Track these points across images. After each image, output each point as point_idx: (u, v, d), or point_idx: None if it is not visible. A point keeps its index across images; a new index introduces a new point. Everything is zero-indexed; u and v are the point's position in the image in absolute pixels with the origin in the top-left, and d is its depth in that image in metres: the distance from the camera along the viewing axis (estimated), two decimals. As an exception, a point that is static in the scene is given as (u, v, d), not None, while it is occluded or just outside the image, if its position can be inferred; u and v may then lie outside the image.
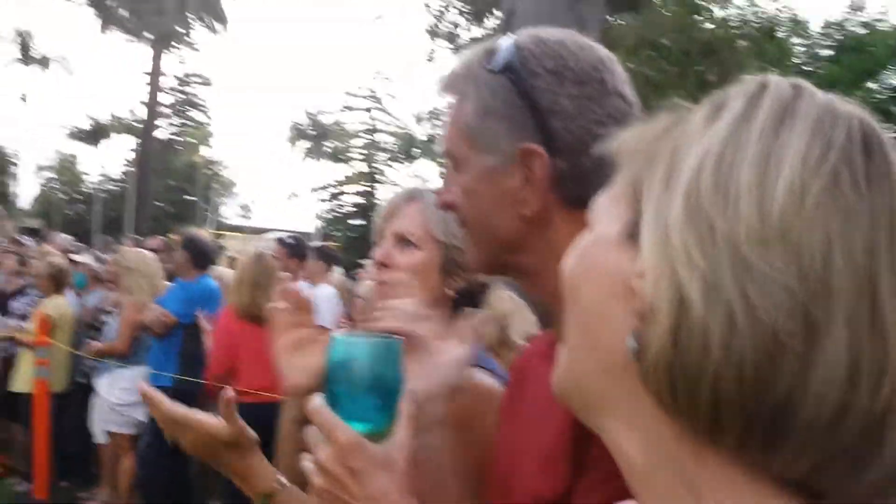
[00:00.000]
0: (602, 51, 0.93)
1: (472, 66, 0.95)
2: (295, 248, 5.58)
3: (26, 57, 24.17)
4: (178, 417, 1.16)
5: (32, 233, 9.13)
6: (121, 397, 4.90)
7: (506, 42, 0.93)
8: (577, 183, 0.87)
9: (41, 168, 43.56)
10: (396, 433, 0.83)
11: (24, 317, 5.68)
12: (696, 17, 14.43)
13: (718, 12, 14.96)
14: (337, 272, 5.55)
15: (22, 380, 5.30)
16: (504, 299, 2.73)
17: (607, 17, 5.35)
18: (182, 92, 38.67)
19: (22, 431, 5.32)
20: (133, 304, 4.99)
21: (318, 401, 0.82)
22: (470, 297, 1.37)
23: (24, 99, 32.80)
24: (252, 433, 1.16)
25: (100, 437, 5.03)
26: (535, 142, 0.88)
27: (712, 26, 14.59)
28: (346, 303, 5.26)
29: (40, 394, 5.02)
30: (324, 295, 5.09)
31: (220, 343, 4.24)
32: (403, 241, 1.35)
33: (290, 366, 1.16)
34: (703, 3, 14.52)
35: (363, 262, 6.66)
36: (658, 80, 12.57)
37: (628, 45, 12.41)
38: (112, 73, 66.76)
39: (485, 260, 0.97)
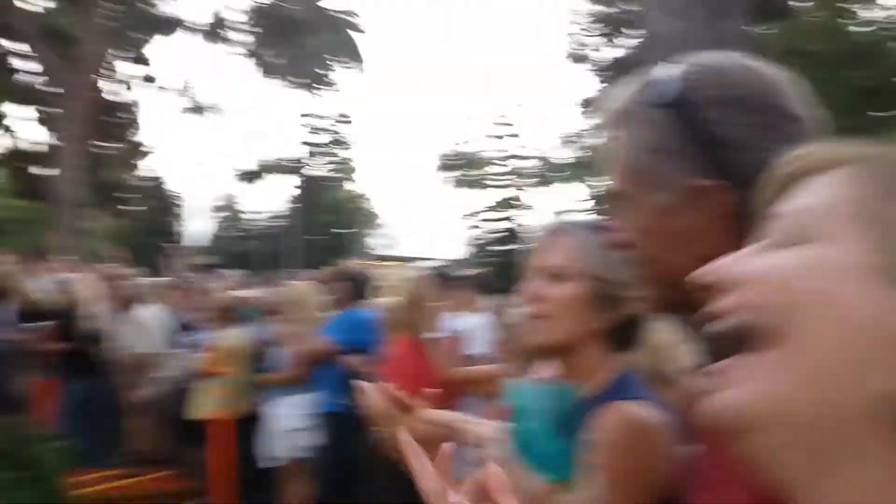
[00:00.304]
0: (773, 71, 0.88)
1: (632, 101, 0.91)
2: (443, 278, 5.76)
3: (195, 107, 26.21)
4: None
5: (206, 269, 9.88)
6: (292, 423, 5.24)
7: (667, 73, 0.89)
8: (753, 217, 0.86)
9: (210, 208, 47.02)
10: (580, 482, 0.81)
11: (201, 348, 6.17)
12: (841, 20, 13.61)
13: (865, 14, 14.05)
14: (485, 300, 5.68)
15: (201, 407, 5.76)
16: (661, 332, 2.69)
17: (748, 27, 5.16)
18: (330, 131, 40.66)
19: (202, 456, 5.76)
20: (298, 335, 5.34)
21: (504, 448, 0.83)
22: (624, 332, 1.37)
23: (193, 145, 35.40)
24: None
25: (274, 462, 5.40)
26: (709, 177, 0.84)
27: (859, 29, 13.71)
28: (495, 331, 5.36)
29: (219, 420, 5.45)
30: (473, 324, 5.24)
31: (397, 370, 4.43)
32: (552, 275, 1.36)
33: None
34: (848, 6, 13.67)
35: (510, 288, 6.76)
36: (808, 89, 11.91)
37: (774, 53, 11.89)
38: (271, 117, 71.13)
39: (661, 298, 0.93)
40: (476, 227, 35.36)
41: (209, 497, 5.62)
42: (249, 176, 40.73)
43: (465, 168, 36.45)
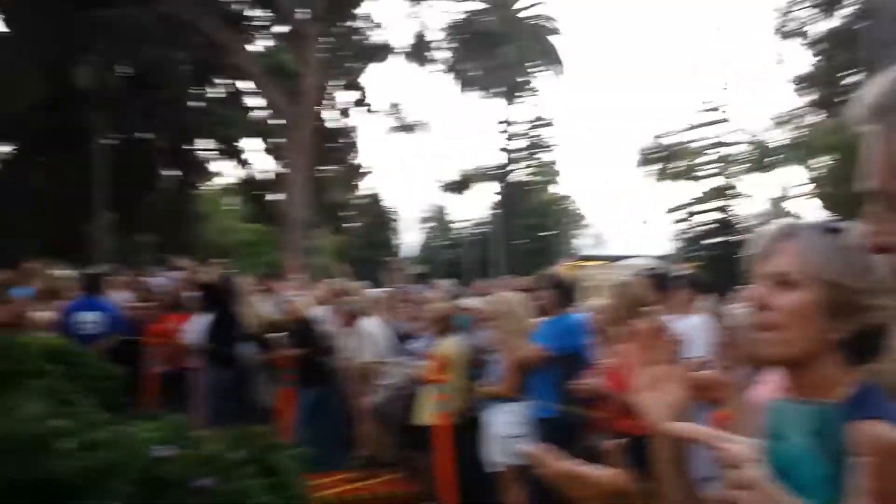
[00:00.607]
0: None
1: (893, 94, 0.85)
2: (658, 279, 5.55)
3: (400, 125, 27.55)
4: (566, 473, 1.15)
5: (420, 279, 10.32)
6: (509, 430, 5.30)
7: None
8: None
9: (420, 220, 49.12)
10: None
11: (421, 357, 6.43)
12: None
13: None
14: (703, 300, 5.40)
15: (424, 413, 5.99)
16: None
17: None
18: (531, 136, 40.94)
19: (428, 460, 5.98)
20: (509, 344, 5.41)
21: (761, 471, 0.78)
22: (866, 342, 1.23)
23: (402, 161, 37.25)
24: (639, 484, 1.13)
25: (494, 468, 5.49)
26: None
27: None
28: (714, 334, 5.09)
29: (441, 426, 5.64)
30: (691, 325, 5.00)
31: (615, 377, 4.36)
32: (780, 281, 1.26)
33: (650, 403, 1.15)
34: None
35: (726, 285, 6.39)
36: None
37: None
38: (470, 128, 73.23)
39: None
40: (683, 220, 33.89)
41: (437, 500, 5.81)
42: (454, 186, 42.02)
43: (668, 160, 35.13)
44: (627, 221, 60.27)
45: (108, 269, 9.69)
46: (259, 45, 22.01)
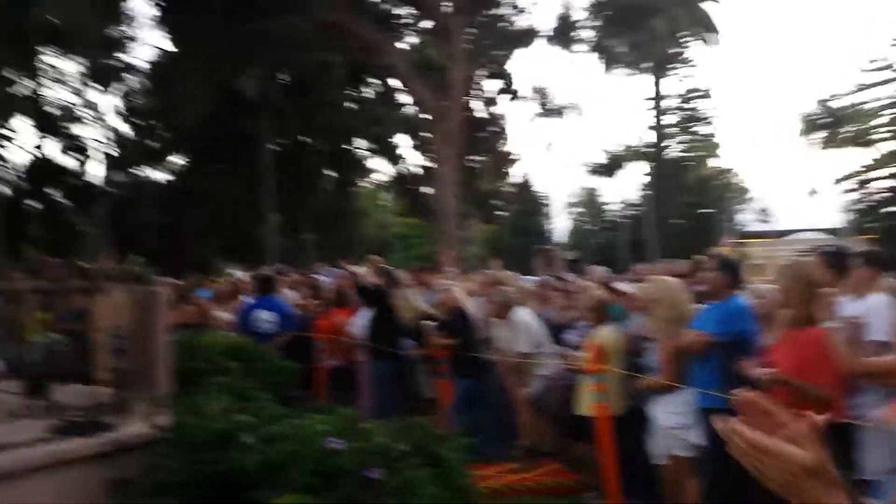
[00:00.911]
0: None
1: None
2: (834, 258, 5.19)
3: (545, 110, 27.30)
4: (758, 444, 1.07)
5: (573, 265, 10.16)
6: (674, 421, 5.15)
7: None
8: None
9: (569, 204, 48.52)
10: None
11: (576, 347, 6.36)
12: None
13: None
14: (885, 279, 4.98)
15: (583, 404, 5.93)
16: None
17: None
18: (685, 109, 39.32)
19: (589, 451, 5.93)
20: (668, 331, 5.24)
21: None
22: None
23: (549, 147, 37.04)
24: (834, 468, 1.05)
25: (660, 459, 5.35)
26: None
27: None
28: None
29: (601, 417, 5.57)
30: (871, 306, 4.64)
31: (789, 364, 4.16)
32: None
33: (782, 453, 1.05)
34: None
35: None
36: None
37: None
38: (618, 107, 71.33)
39: None
40: (855, 189, 31.38)
41: (600, 491, 5.76)
42: (603, 168, 41.16)
43: (835, 125, 32.63)
44: (793, 194, 56.56)
45: (278, 269, 10.30)
46: (406, 42, 22.51)
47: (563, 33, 23.24)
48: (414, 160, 28.35)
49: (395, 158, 28.97)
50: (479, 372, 7.30)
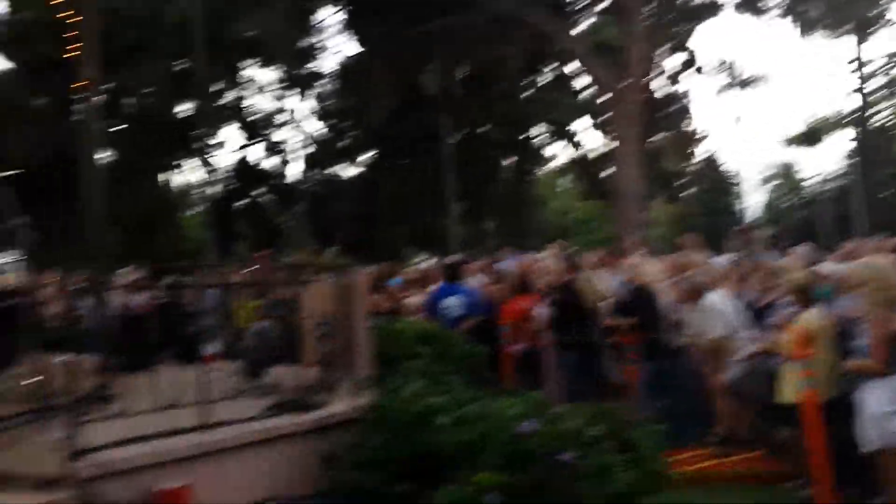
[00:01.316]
0: None
1: None
2: None
3: (734, 82, 25.89)
4: None
5: (773, 245, 9.56)
6: (884, 408, 4.77)
7: None
8: None
9: (763, 180, 45.64)
10: None
11: (778, 330, 5.98)
12: None
13: None
14: None
15: (788, 391, 5.58)
16: None
17: None
18: (893, 73, 35.68)
19: (796, 438, 5.58)
20: (879, 314, 4.85)
21: None
22: None
23: (738, 120, 34.97)
24: None
25: (871, 447, 4.96)
26: None
27: None
28: None
29: (809, 404, 5.24)
30: None
31: None
32: None
33: None
34: None
35: None
36: None
37: None
38: (816, 75, 65.96)
39: None
40: None
41: (807, 480, 5.44)
42: (802, 139, 38.30)
43: None
44: None
45: (463, 256, 10.55)
46: (582, 25, 22.14)
47: (752, 1, 21.83)
48: (595, 142, 27.93)
49: (573, 142, 28.68)
50: (666, 355, 7.11)
